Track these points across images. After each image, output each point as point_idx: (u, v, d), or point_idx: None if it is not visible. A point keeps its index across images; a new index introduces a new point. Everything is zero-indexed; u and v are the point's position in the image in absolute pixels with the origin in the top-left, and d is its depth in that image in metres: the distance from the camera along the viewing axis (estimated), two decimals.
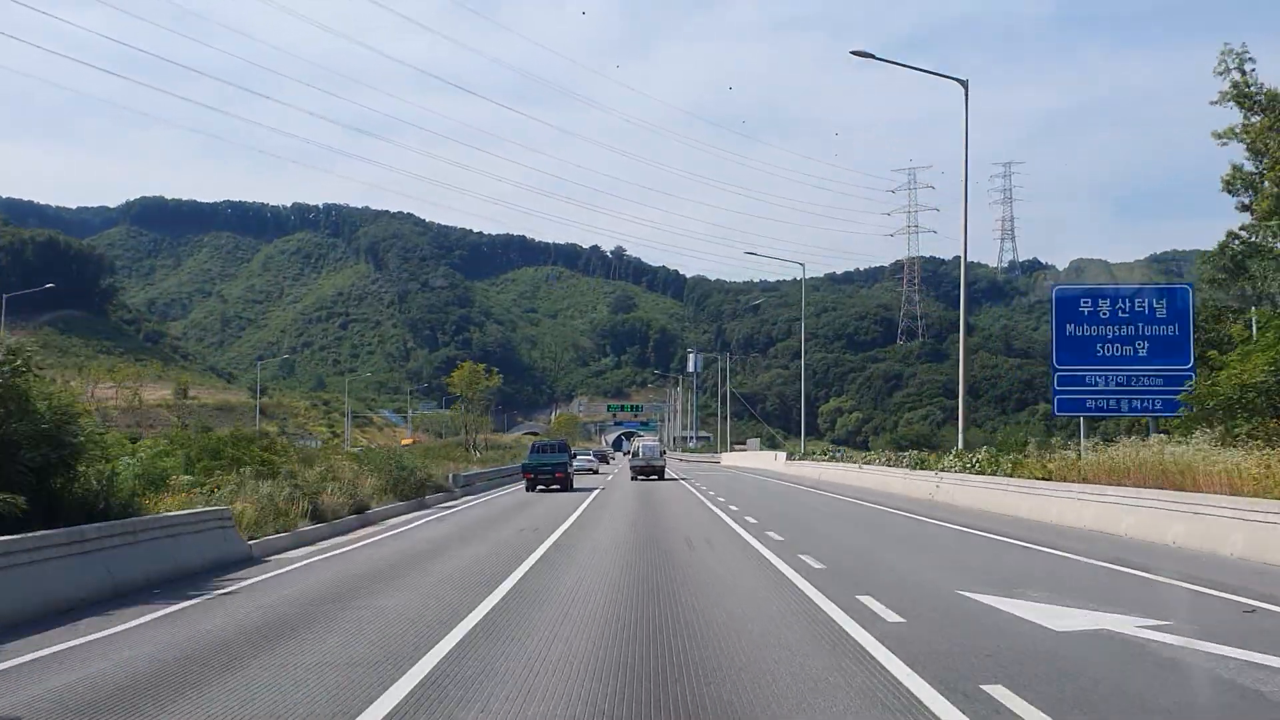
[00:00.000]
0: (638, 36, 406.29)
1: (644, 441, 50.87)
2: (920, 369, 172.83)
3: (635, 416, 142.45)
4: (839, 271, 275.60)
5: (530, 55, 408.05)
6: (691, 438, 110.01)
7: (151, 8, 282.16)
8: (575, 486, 36.06)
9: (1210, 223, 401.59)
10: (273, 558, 14.98)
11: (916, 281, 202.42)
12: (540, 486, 33.81)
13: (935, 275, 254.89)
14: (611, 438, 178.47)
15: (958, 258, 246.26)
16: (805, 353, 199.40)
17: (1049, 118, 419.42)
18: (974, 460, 26.28)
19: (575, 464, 41.23)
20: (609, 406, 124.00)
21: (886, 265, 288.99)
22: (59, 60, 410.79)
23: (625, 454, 74.93)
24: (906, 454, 34.41)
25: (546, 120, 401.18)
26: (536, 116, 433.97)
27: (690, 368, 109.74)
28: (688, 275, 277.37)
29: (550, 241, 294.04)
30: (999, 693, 6.23)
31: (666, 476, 45.52)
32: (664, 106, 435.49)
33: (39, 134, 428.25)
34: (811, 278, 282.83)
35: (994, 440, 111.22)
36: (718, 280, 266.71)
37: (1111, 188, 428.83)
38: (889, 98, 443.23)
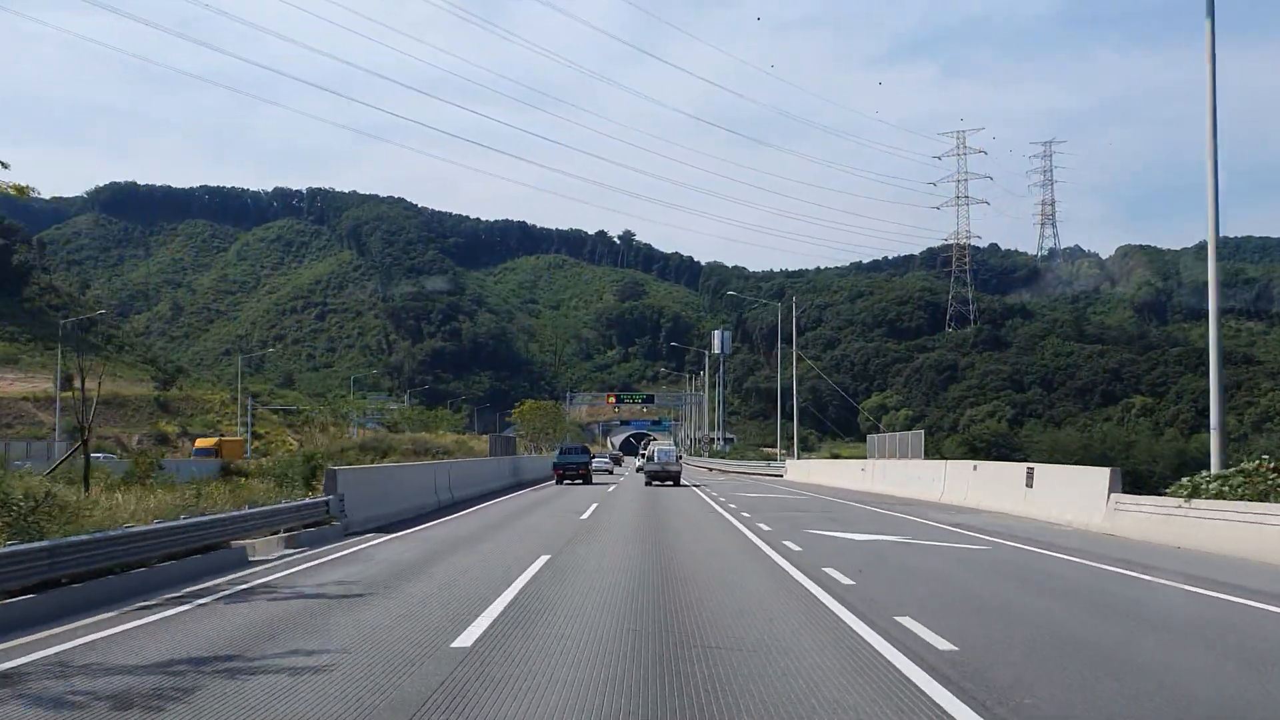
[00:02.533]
0: (643, 37, 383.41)
1: (659, 446, 47.02)
2: (978, 359, 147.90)
3: (646, 412, 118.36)
4: (865, 260, 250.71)
5: (536, 57, 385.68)
6: (718, 439, 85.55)
7: (156, 11, 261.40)
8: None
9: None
10: None
11: (967, 260, 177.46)
12: (567, 480, 40.01)
13: (971, 263, 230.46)
14: (619, 439, 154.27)
15: (994, 245, 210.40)
16: (841, 342, 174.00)
17: (1058, 116, 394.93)
18: None
19: (595, 464, 46.95)
20: (617, 395, 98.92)
21: (917, 254, 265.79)
22: (51, 59, 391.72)
23: (642, 455, 66.82)
24: None
25: (558, 116, 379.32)
26: (549, 113, 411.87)
27: (716, 347, 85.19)
28: (703, 262, 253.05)
29: (553, 228, 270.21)
30: None
31: (682, 482, 41.07)
32: (677, 103, 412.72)
33: (19, 127, 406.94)
34: (837, 266, 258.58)
35: (1093, 441, 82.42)
36: (736, 266, 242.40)
37: (1120, 187, 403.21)
38: (897, 96, 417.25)
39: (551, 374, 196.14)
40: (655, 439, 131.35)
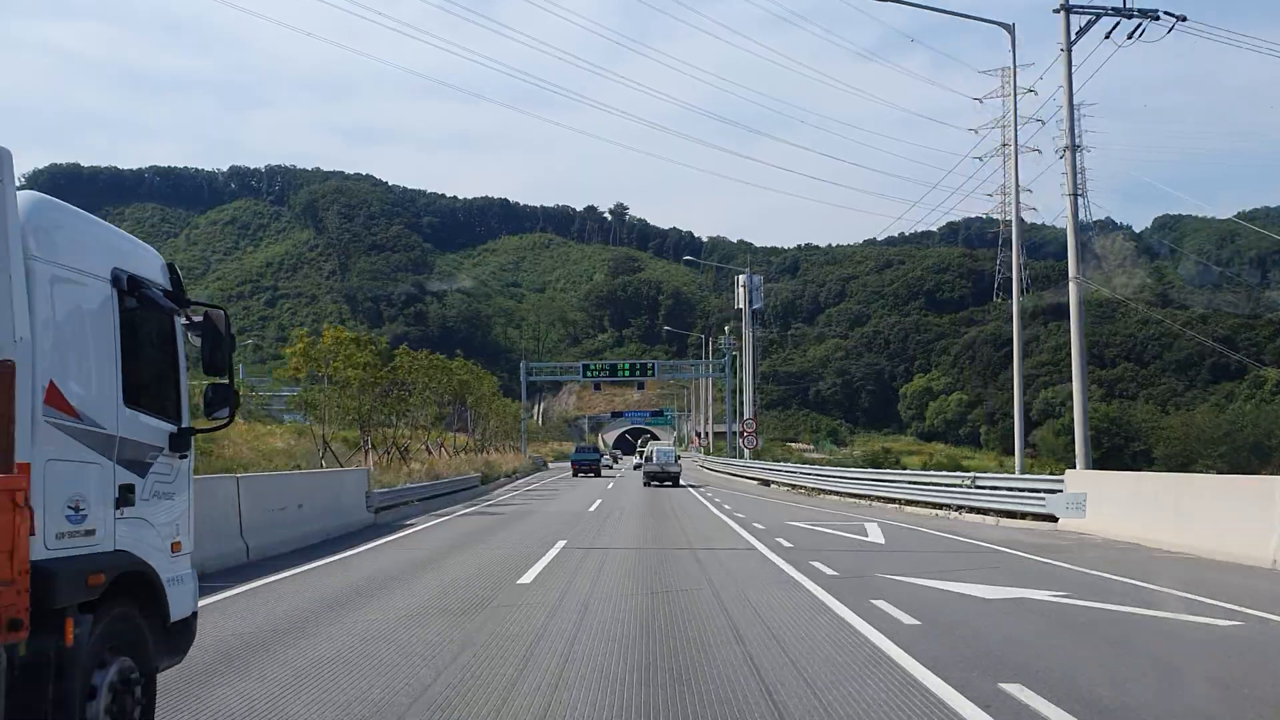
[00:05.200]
0: (635, 33, 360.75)
1: (659, 446, 46.59)
2: (1042, 331, 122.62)
3: (641, 400, 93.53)
4: (880, 237, 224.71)
5: (528, 55, 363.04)
6: (745, 434, 58.89)
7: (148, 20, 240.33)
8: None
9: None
10: None
11: (1017, 215, 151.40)
12: (581, 474, 49.09)
13: (996, 237, 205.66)
14: (612, 436, 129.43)
15: (1018, 217, 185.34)
16: (870, 317, 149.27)
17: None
18: None
19: (603, 461, 59.74)
20: (585, 366, 72.37)
21: (935, 229, 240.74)
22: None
23: (639, 453, 65.28)
24: None
25: (547, 118, 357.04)
26: (540, 112, 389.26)
27: (742, 300, 59.51)
28: (704, 238, 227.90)
29: (538, 205, 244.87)
30: None
31: (682, 482, 40.56)
32: (674, 95, 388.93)
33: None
34: (850, 244, 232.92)
35: (1237, 426, 55.99)
36: (742, 241, 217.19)
37: (1114, 177, 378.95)
38: (894, 91, 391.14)
39: (534, 361, 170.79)
40: (656, 437, 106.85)
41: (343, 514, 17.96)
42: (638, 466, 53.51)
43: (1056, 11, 23.63)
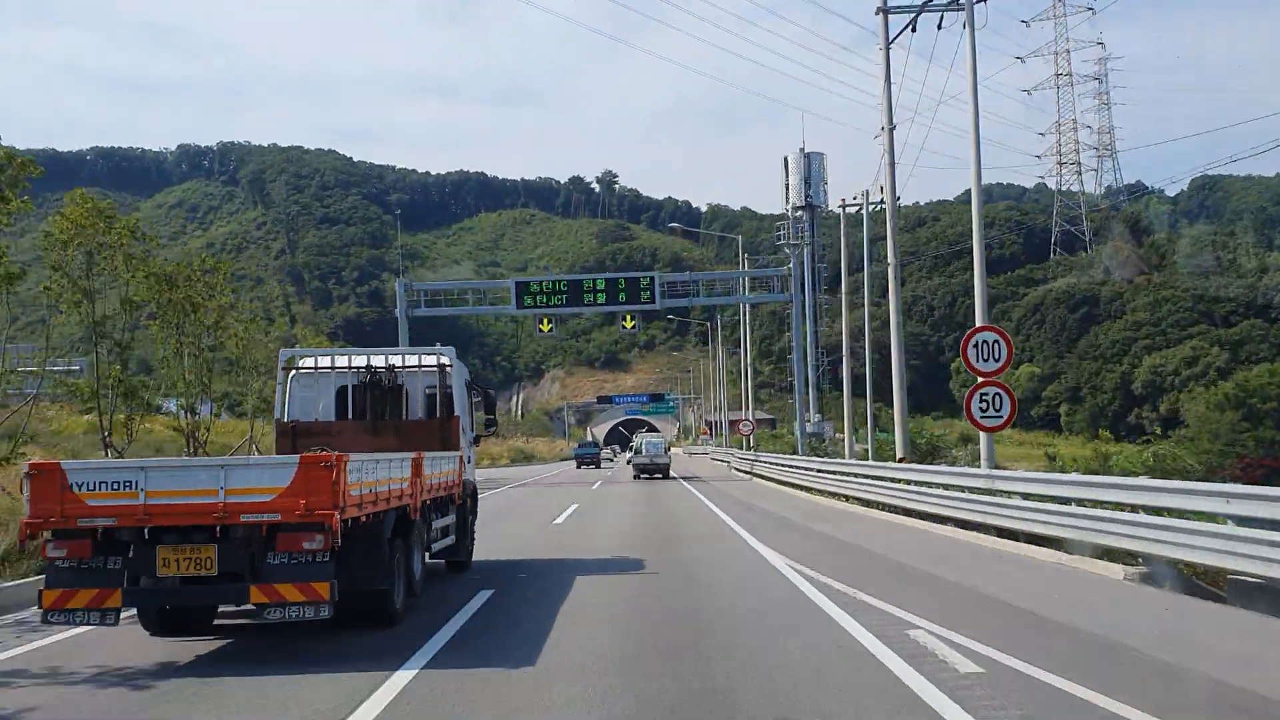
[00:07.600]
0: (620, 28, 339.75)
1: (648, 439, 44.52)
2: (1127, 289, 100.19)
3: (634, 381, 70.64)
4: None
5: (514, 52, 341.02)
6: (815, 421, 34.68)
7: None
8: None
9: None
10: None
11: (1079, 159, 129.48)
12: (584, 466, 57.61)
13: (1017, 200, 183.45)
14: (603, 430, 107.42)
15: (1041, 183, 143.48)
16: (906, 281, 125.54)
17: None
18: None
19: (603, 454, 70.32)
20: (522, 287, 44.90)
21: (951, 199, 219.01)
22: None
23: (630, 448, 58.64)
24: None
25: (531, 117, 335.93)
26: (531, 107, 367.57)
27: (795, 192, 36.61)
28: (702, 208, 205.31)
29: (518, 178, 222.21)
30: None
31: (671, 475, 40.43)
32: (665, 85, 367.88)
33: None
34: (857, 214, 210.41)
35: None
36: (745, 209, 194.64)
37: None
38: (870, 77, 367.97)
39: (511, 349, 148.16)
40: (655, 429, 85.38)
41: None
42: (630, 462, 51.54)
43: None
